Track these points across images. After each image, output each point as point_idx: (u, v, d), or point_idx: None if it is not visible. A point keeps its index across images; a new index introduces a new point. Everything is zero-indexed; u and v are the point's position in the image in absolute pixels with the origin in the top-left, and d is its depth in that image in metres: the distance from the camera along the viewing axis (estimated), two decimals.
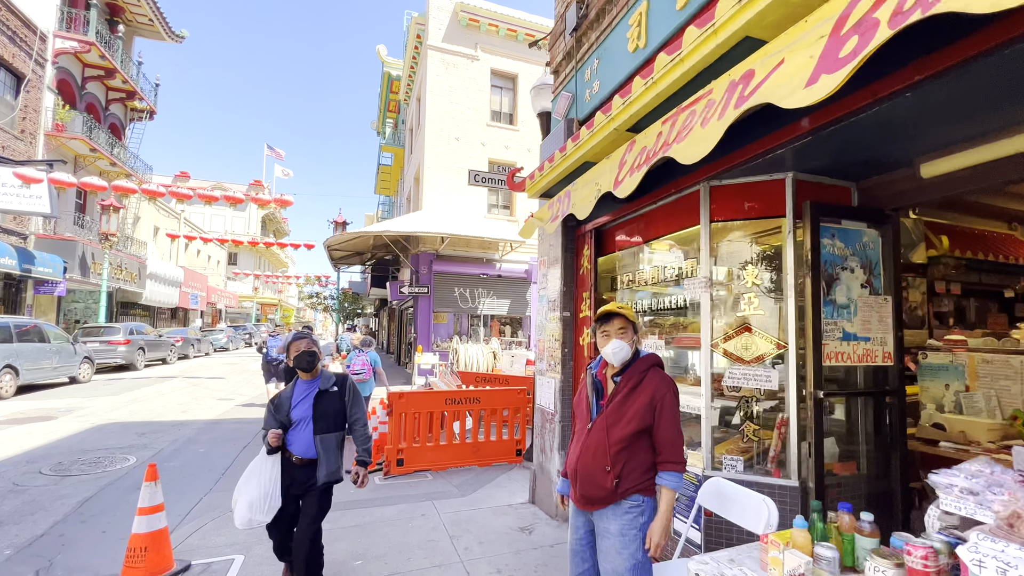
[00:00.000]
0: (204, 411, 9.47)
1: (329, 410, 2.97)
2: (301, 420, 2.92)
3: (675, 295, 3.47)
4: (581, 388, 2.29)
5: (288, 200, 14.03)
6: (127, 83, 22.71)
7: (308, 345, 3.04)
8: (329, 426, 2.94)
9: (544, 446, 4.49)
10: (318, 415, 2.93)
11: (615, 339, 2.12)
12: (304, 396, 3.00)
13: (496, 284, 16.08)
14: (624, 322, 2.14)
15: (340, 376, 3.13)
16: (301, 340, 3.07)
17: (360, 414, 3.07)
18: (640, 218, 3.61)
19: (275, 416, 2.96)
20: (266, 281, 44.56)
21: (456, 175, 15.92)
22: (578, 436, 2.21)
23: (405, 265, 17.49)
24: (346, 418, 3.05)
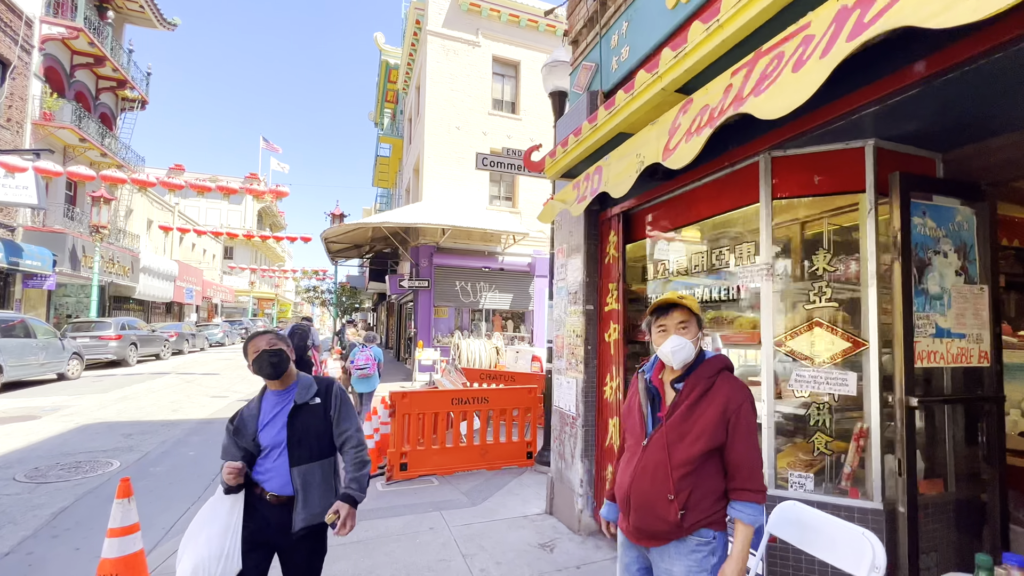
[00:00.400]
0: (196, 409, 9.05)
1: (310, 430, 2.13)
2: (273, 447, 2.10)
3: (717, 286, 3.06)
4: (631, 396, 1.87)
5: (284, 191, 13.56)
6: (117, 71, 22.10)
7: (270, 342, 2.19)
8: (311, 453, 2.12)
9: (563, 452, 4.09)
10: (295, 438, 2.10)
11: (675, 335, 1.70)
12: (275, 413, 2.15)
13: (498, 277, 15.66)
14: (686, 314, 1.72)
15: (323, 382, 2.30)
16: (261, 337, 2.22)
17: (352, 429, 2.21)
18: (679, 199, 3.19)
19: (236, 442, 2.13)
20: (262, 275, 44.04)
21: (457, 165, 15.45)
22: (629, 454, 1.79)
23: (404, 258, 17.05)
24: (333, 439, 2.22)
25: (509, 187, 16.47)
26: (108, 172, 13.44)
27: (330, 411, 2.21)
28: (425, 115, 15.25)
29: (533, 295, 16.00)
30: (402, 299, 19.64)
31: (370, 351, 7.30)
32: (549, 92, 6.23)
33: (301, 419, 2.14)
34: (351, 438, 2.20)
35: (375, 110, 28.12)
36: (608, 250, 3.81)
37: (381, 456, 5.97)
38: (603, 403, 3.76)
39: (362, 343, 7.53)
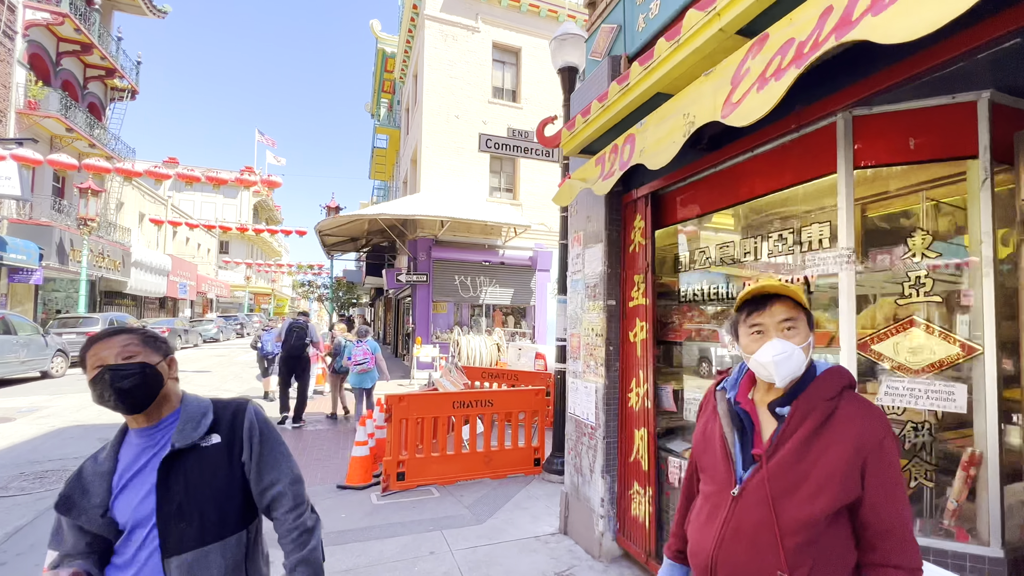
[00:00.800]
0: None
1: (201, 491, 1.27)
2: (136, 526, 1.24)
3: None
4: (707, 420, 1.37)
5: (276, 181, 13.05)
6: (106, 59, 21.46)
7: (123, 351, 1.27)
8: (203, 529, 1.26)
9: (580, 465, 3.64)
10: (172, 508, 1.24)
11: (777, 338, 1.20)
12: (137, 468, 1.27)
13: (499, 272, 15.18)
14: (792, 309, 1.21)
15: (228, 408, 1.40)
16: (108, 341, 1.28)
17: (285, 481, 1.37)
18: (725, 174, 2.71)
19: (73, 522, 1.23)
20: (258, 270, 43.48)
21: (456, 155, 14.93)
22: (710, 505, 1.27)
23: (402, 252, 16.55)
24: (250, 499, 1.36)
25: (510, 178, 15.97)
26: (91, 161, 12.89)
27: (241, 454, 1.34)
28: (423, 103, 14.71)
29: (535, 290, 15.53)
30: (400, 294, 19.16)
31: (366, 345, 7.15)
32: (558, 68, 5.74)
33: (184, 473, 1.26)
34: (283, 495, 1.34)
35: (372, 101, 27.52)
36: (633, 237, 3.34)
37: (376, 464, 5.53)
38: (627, 412, 3.30)
39: (356, 338, 7.35)
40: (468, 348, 12.59)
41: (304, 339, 7.64)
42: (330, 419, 8.23)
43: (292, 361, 7.65)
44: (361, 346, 7.18)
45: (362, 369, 7.10)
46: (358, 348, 7.16)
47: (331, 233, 15.33)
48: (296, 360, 7.63)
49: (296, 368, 7.65)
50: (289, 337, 7.60)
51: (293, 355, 7.61)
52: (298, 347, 7.58)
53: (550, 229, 15.77)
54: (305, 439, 6.91)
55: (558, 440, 5.44)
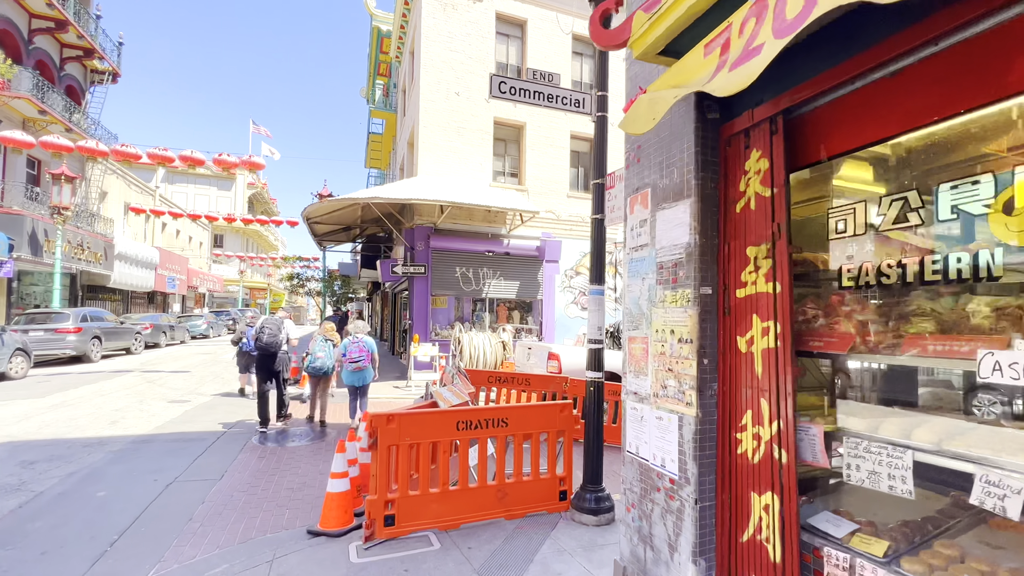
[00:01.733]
0: (141, 421, 7.40)
1: None
2: None
3: None
4: None
5: (259, 163, 11.82)
6: (83, 38, 20.15)
7: None
8: None
9: (650, 534, 2.45)
10: None
11: None
12: None
13: (503, 263, 13.98)
14: None
15: None
16: None
17: None
18: (926, 67, 1.50)
19: None
20: (251, 264, 42.27)
21: (456, 136, 13.69)
22: None
23: (399, 242, 15.35)
24: None
25: (515, 162, 14.73)
26: (49, 139, 11.64)
27: None
28: (420, 79, 13.44)
29: (542, 282, 14.33)
30: (396, 287, 17.97)
31: (363, 342, 6.97)
32: None
33: None
34: None
35: (367, 85, 26.20)
36: (744, 188, 2.13)
37: (358, 500, 4.35)
38: (737, 463, 2.11)
39: (352, 334, 7.14)
40: (471, 347, 11.41)
41: (277, 335, 7.16)
42: (308, 423, 7.59)
43: (267, 360, 7.12)
44: (358, 342, 6.95)
45: (357, 367, 6.86)
46: (354, 344, 6.91)
47: (321, 220, 14.10)
48: (271, 358, 7.14)
49: (271, 366, 7.16)
50: (261, 334, 7.11)
51: (266, 353, 7.09)
52: (271, 344, 7.08)
53: (558, 217, 14.56)
54: (279, 458, 5.74)
55: (592, 470, 4.26)
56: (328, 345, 7.48)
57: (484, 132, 13.99)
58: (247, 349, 9.11)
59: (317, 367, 7.25)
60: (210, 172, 45.46)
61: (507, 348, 11.85)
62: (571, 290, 14.64)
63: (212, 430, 6.94)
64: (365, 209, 14.21)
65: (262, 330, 7.08)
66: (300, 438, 6.69)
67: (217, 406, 8.72)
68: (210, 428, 7.05)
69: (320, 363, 7.25)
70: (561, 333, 14.38)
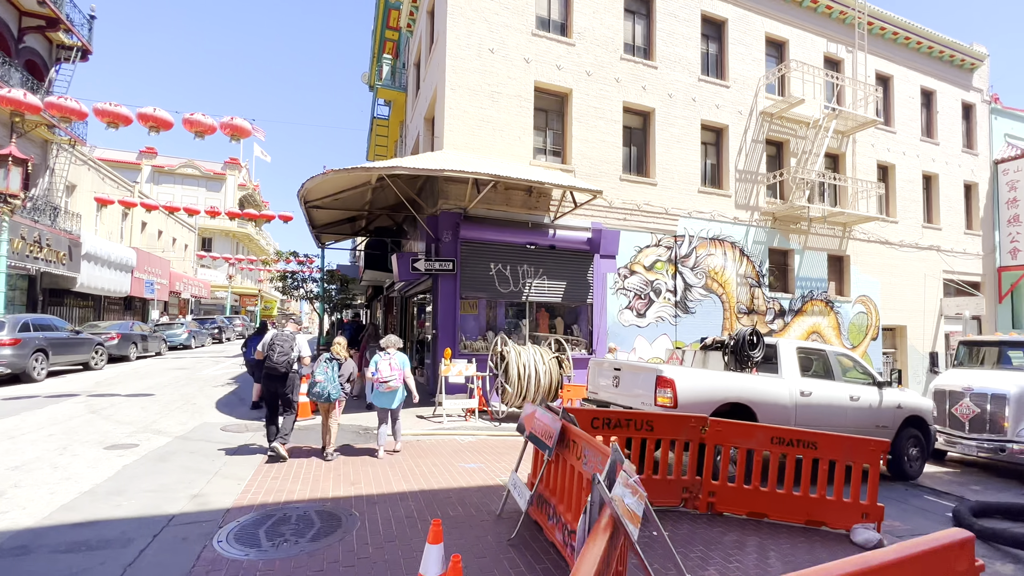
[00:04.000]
0: (39, 495, 4.67)
1: None
2: None
3: None
4: None
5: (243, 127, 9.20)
6: (45, 5, 17.49)
7: None
8: None
9: None
10: None
11: None
12: None
13: (548, 259, 11.38)
14: None
15: None
16: None
17: None
18: None
19: None
20: (240, 268, 39.41)
21: (490, 102, 11.14)
22: None
23: (414, 236, 12.75)
24: None
25: (558, 137, 12.17)
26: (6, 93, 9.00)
27: None
28: (446, 32, 10.89)
29: (593, 282, 11.73)
30: (408, 291, 15.30)
31: (394, 358, 6.32)
32: None
33: None
34: None
35: (370, 69, 23.64)
36: None
37: None
38: None
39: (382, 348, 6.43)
40: (518, 365, 8.76)
41: (288, 354, 6.08)
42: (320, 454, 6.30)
43: (275, 381, 6.09)
44: (388, 358, 6.30)
45: (388, 387, 6.22)
46: (385, 360, 6.27)
47: (321, 204, 11.42)
48: (280, 380, 6.09)
49: (279, 388, 6.10)
50: (271, 351, 6.04)
51: (274, 374, 6.05)
52: (281, 363, 6.03)
53: (610, 204, 12.00)
54: None
55: None
56: (332, 366, 6.26)
57: (523, 99, 11.45)
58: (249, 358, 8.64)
59: (317, 392, 6.12)
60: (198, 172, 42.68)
61: (565, 366, 9.22)
62: (625, 293, 12.05)
63: (148, 516, 4.22)
64: (377, 192, 11.59)
65: (272, 347, 6.05)
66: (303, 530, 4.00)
67: (174, 456, 6.00)
68: (146, 512, 4.32)
69: (320, 387, 6.10)
70: (615, 345, 11.75)
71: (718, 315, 12.84)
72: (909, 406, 7.49)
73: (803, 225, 13.98)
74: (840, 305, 14.28)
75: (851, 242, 14.58)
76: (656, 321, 12.28)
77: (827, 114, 13.47)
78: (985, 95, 17.09)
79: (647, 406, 6.15)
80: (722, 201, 13.22)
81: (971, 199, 16.79)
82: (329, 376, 6.09)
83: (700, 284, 12.73)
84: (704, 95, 13.13)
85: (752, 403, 6.33)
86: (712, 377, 6.23)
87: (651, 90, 12.59)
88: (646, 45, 12.89)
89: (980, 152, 16.91)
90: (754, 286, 13.27)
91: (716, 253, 12.95)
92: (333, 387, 6.07)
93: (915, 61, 15.95)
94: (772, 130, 13.86)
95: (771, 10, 14.02)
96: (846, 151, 14.40)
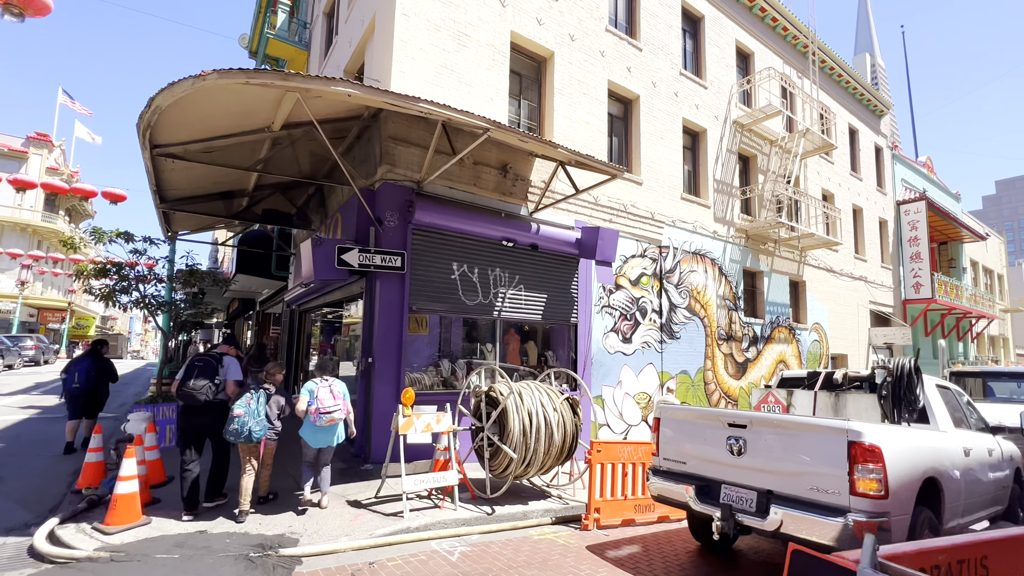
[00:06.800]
0: None
1: None
2: None
3: None
4: None
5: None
6: None
7: None
8: None
9: None
10: None
11: None
12: None
13: (525, 262, 8.51)
14: None
15: None
16: None
17: None
18: None
19: None
20: (40, 272, 29.95)
21: (457, 45, 8.18)
22: None
23: (324, 226, 8.98)
24: None
25: (535, 110, 9.53)
26: None
27: None
28: None
29: (578, 297, 9.11)
30: (307, 301, 11.17)
31: (335, 385, 5.19)
32: None
33: None
34: None
35: (253, 28, 18.91)
36: None
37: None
38: None
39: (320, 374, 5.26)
40: (521, 413, 5.67)
41: (214, 379, 5.06)
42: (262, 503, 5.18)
43: (196, 415, 4.99)
44: (327, 384, 5.14)
45: (332, 419, 5.03)
46: (323, 388, 5.09)
47: (183, 154, 7.09)
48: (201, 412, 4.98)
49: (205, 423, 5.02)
50: (188, 377, 4.99)
51: (193, 404, 4.95)
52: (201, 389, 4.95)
53: (596, 200, 9.62)
54: None
55: None
56: (259, 396, 4.89)
57: (497, 51, 8.66)
58: (70, 387, 7.04)
59: (234, 430, 4.69)
60: None
61: (578, 411, 6.32)
62: (610, 311, 9.62)
63: None
64: (281, 149, 7.75)
65: (191, 368, 5.04)
66: None
67: None
68: None
69: (239, 423, 4.68)
70: (598, 378, 9.19)
71: (701, 341, 11.03)
72: (1014, 454, 5.97)
73: (770, 246, 13.04)
74: (799, 332, 13.52)
75: (806, 267, 14.06)
76: (642, 347, 10.01)
77: (800, 131, 12.82)
78: (889, 141, 18.51)
79: (832, 495, 3.56)
80: (703, 212, 11.66)
81: (884, 235, 17.80)
82: (252, 409, 4.82)
83: (684, 305, 10.84)
84: (685, 91, 11.61)
85: (940, 475, 4.11)
86: (915, 439, 3.89)
87: (636, 74, 10.67)
88: (629, 23, 11.04)
89: (888, 192, 18.13)
90: (732, 309, 11.80)
91: (698, 270, 11.24)
92: (256, 423, 4.79)
93: (844, 98, 16.54)
94: (743, 142, 12.85)
95: (740, 18, 13.23)
96: (799, 175, 13.98)
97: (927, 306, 17.47)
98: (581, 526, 5.42)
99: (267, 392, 5.08)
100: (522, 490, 6.26)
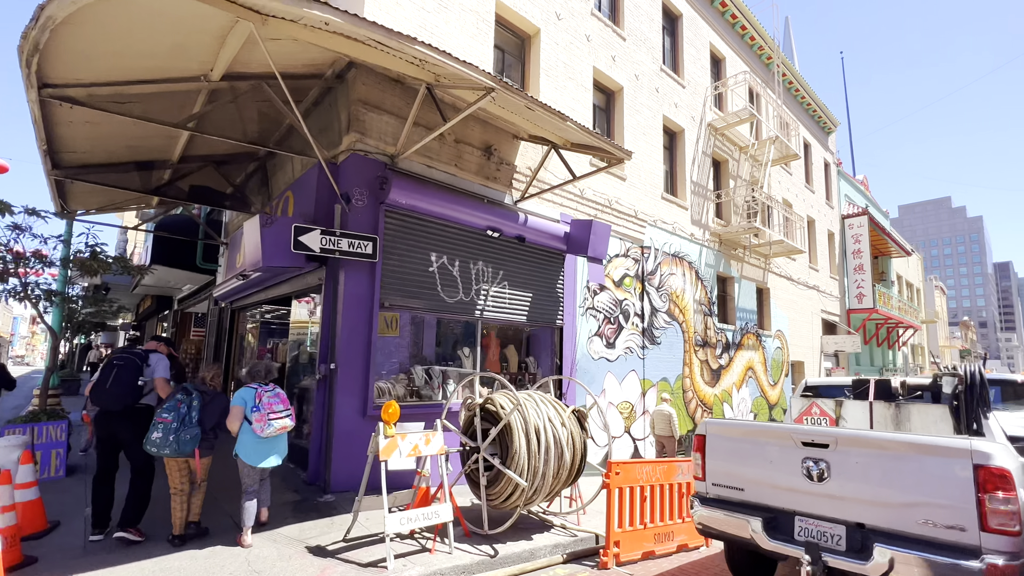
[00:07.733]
0: None
1: None
2: None
3: None
4: None
5: None
6: None
7: None
8: None
9: None
10: None
11: None
12: None
13: (510, 256, 7.57)
14: None
15: None
16: None
17: None
18: None
19: None
20: None
21: (437, 4, 7.16)
22: None
23: (267, 208, 7.58)
24: None
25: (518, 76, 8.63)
26: None
27: None
28: None
29: (564, 297, 8.28)
30: (243, 298, 9.54)
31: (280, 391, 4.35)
32: None
33: None
34: None
35: None
36: None
37: None
38: None
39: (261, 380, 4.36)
40: (526, 431, 4.71)
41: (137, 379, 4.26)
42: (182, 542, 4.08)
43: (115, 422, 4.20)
44: (270, 390, 4.28)
45: (283, 427, 4.19)
46: (270, 394, 4.25)
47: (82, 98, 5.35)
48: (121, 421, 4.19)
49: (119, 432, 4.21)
50: (104, 378, 4.19)
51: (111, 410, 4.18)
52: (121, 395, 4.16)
53: (581, 193, 8.87)
54: None
55: None
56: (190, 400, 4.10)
57: (481, 19, 7.74)
58: None
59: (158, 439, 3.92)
60: None
61: (586, 426, 5.44)
62: (594, 314, 8.86)
63: None
64: (221, 107, 6.30)
65: (109, 367, 4.25)
66: None
67: None
68: None
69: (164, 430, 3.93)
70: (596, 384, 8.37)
71: (679, 347, 10.55)
72: None
73: (740, 252, 12.93)
74: (765, 339, 13.49)
75: (770, 275, 14.12)
76: (625, 353, 9.34)
77: (769, 139, 12.83)
78: (834, 157, 19.36)
79: (954, 531, 2.89)
80: (681, 213, 11.26)
81: (832, 247, 18.49)
82: (182, 414, 3.97)
83: (664, 309, 10.32)
84: (665, 88, 11.22)
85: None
86: None
87: (620, 64, 10.11)
88: (613, 11, 10.48)
89: (835, 206, 18.91)
90: (707, 315, 11.46)
91: (677, 273, 10.79)
92: (187, 431, 3.93)
93: (799, 113, 17.04)
94: (716, 146, 12.67)
95: (715, 22, 13.13)
96: (764, 182, 14.07)
97: (868, 315, 18.30)
98: (599, 564, 4.53)
99: (201, 395, 4.19)
100: (519, 520, 5.27)
